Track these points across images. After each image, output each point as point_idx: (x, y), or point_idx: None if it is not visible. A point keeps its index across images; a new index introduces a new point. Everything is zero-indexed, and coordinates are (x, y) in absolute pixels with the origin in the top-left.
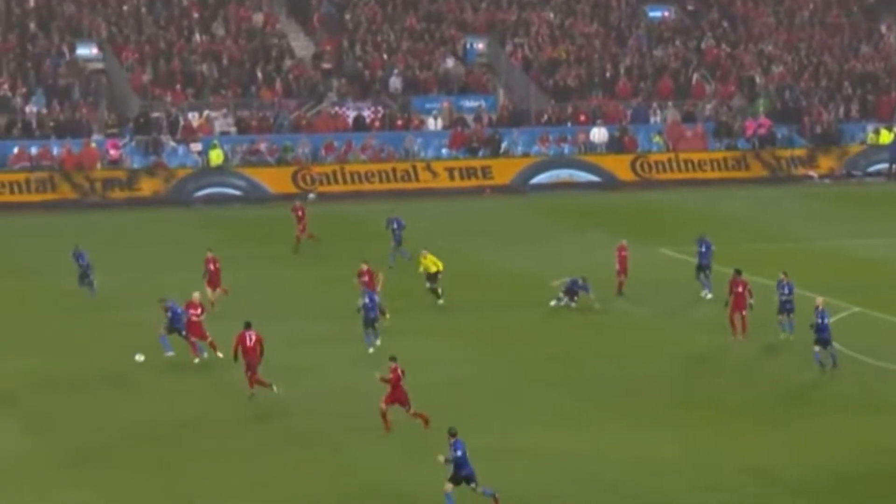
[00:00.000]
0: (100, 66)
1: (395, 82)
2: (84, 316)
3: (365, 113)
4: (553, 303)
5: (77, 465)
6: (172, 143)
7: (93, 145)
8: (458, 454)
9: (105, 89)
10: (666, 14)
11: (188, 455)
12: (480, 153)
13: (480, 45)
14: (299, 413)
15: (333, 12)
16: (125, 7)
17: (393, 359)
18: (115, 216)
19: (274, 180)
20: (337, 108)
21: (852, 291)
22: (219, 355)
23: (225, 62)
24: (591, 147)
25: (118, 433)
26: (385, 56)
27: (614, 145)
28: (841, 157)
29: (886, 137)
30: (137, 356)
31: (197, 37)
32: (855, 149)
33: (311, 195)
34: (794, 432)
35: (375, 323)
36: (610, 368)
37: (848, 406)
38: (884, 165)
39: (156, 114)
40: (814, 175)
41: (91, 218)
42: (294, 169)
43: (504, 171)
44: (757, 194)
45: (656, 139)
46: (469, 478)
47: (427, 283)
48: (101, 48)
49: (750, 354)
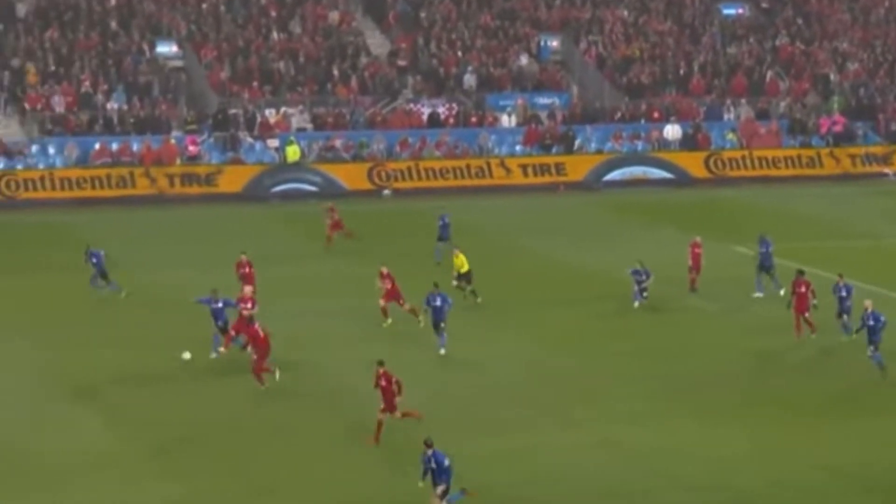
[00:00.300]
0: (179, 64)
1: (470, 79)
2: (160, 310)
3: (439, 110)
4: (637, 303)
5: (159, 458)
6: (250, 140)
7: (172, 141)
8: (446, 464)
9: (184, 86)
10: (740, 11)
11: (267, 447)
12: (554, 150)
13: (554, 43)
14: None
15: (409, 10)
16: (204, 5)
17: (381, 363)
18: (193, 211)
19: (349, 176)
20: (412, 105)
21: None
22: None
23: (302, 60)
24: (665, 144)
25: (195, 426)
26: (459, 53)
27: (688, 142)
28: None
29: None
30: (184, 354)
31: (274, 35)
32: None
33: (386, 191)
34: (864, 430)
35: (441, 325)
36: (681, 365)
37: None
38: None
39: (233, 110)
40: (888, 172)
41: (169, 213)
42: (369, 165)
43: (577, 168)
44: (831, 192)
45: (730, 136)
46: (444, 491)
47: (454, 282)
48: (181, 46)
49: (816, 352)
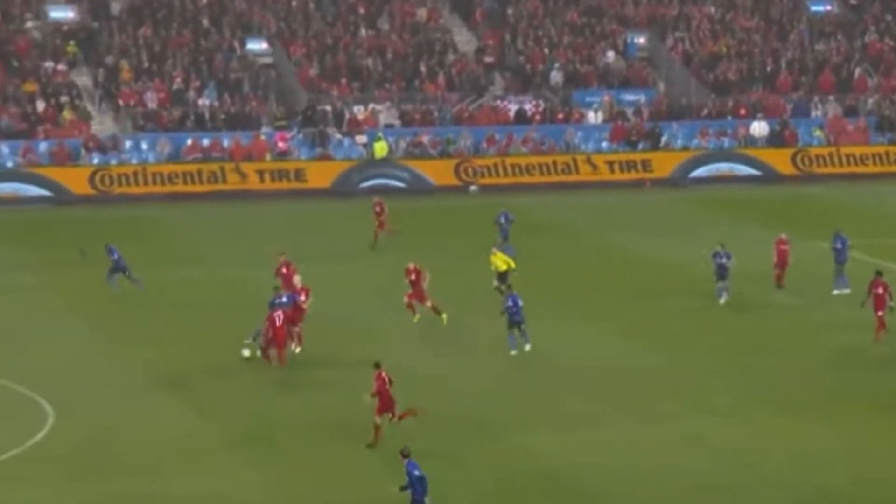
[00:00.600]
0: (269, 61)
1: (556, 76)
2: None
3: (526, 106)
4: (722, 300)
5: (246, 447)
6: (338, 136)
7: (262, 137)
8: (417, 474)
9: (274, 83)
10: (828, 8)
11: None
12: (640, 146)
13: (641, 40)
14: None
15: (496, 7)
16: (294, 3)
17: (377, 365)
18: (283, 207)
19: (436, 172)
20: (498, 102)
21: None
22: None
23: (389, 56)
24: (752, 141)
25: (279, 417)
26: (546, 50)
27: (775, 139)
28: None
29: None
30: (244, 351)
31: (363, 32)
32: None
33: (473, 187)
34: None
35: (522, 325)
36: (766, 360)
37: None
38: None
39: (322, 107)
40: None
41: (259, 208)
42: (456, 161)
43: (664, 165)
44: None
45: (817, 133)
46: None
47: (495, 282)
48: (271, 43)
49: None
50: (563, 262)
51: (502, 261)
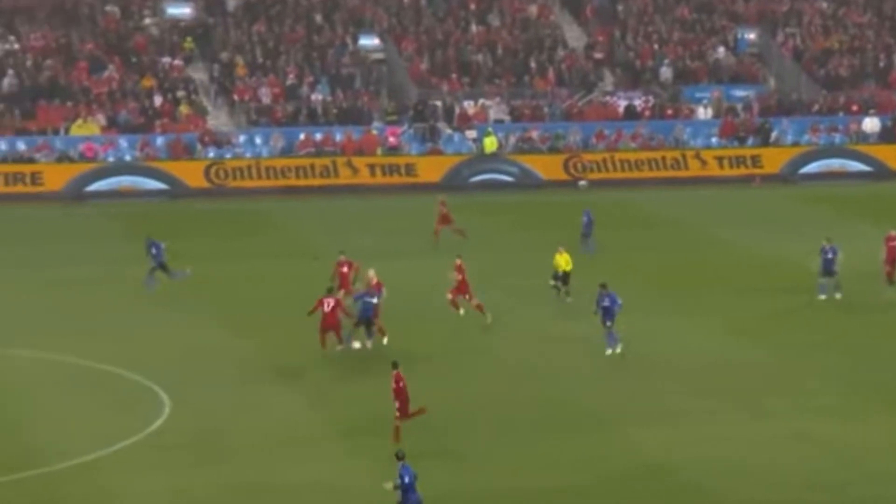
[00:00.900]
0: (380, 56)
1: (666, 72)
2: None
3: (635, 102)
4: (822, 296)
5: (354, 437)
6: (448, 131)
7: (373, 132)
8: (406, 481)
9: (385, 78)
10: None
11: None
12: (750, 142)
13: (751, 36)
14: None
15: (606, 4)
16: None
17: (395, 365)
18: (393, 201)
19: (546, 167)
20: (608, 98)
21: None
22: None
23: (499, 52)
24: (863, 137)
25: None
26: (656, 46)
27: (887, 135)
28: None
29: None
30: (354, 343)
31: (473, 27)
32: None
33: (582, 182)
34: None
35: (608, 323)
36: (874, 357)
37: None
38: None
39: (433, 102)
40: None
41: (369, 203)
42: (565, 156)
43: (773, 161)
44: None
45: None
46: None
47: (552, 281)
48: (382, 39)
49: None
50: (671, 258)
51: (565, 261)
